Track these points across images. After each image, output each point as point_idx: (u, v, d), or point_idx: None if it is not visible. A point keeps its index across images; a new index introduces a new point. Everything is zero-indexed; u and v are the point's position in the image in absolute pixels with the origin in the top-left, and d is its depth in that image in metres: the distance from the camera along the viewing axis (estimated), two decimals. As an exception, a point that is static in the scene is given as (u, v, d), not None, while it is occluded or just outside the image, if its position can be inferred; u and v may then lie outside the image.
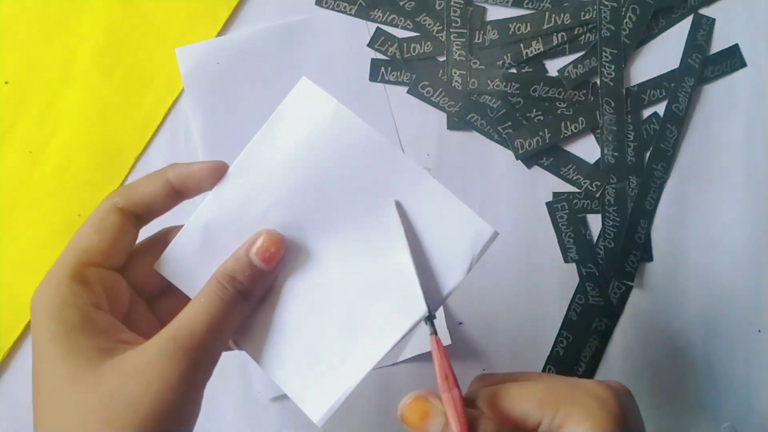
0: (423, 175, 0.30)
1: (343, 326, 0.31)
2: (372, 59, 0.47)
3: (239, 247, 0.29)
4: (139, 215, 0.31)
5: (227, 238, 0.30)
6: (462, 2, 0.47)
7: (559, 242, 0.45)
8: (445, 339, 0.43)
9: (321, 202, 0.30)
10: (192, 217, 0.31)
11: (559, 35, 0.47)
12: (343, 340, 0.30)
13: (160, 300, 0.32)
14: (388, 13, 0.47)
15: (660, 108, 0.47)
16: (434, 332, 0.28)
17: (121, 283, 0.30)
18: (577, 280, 0.45)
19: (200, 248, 0.31)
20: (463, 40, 0.47)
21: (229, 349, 0.31)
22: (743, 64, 0.48)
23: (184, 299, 0.29)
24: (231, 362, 0.38)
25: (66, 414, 0.26)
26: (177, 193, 0.31)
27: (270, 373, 0.30)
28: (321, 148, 0.30)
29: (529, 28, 0.47)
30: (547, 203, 0.46)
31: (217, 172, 0.31)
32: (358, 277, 0.31)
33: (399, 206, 0.31)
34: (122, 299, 0.30)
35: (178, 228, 0.32)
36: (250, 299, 0.29)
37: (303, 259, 0.31)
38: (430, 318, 0.29)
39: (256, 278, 0.29)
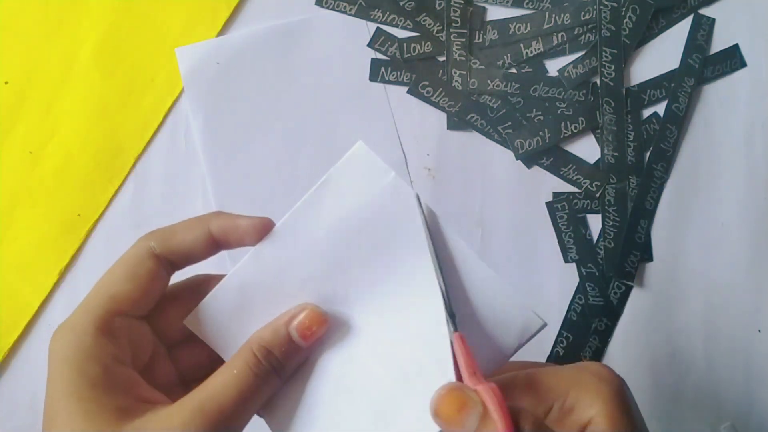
0: (473, 258, 0.29)
1: (373, 413, 0.28)
2: (372, 59, 0.47)
3: (278, 318, 0.28)
4: (174, 262, 0.29)
5: (264, 302, 0.29)
6: (462, 2, 0.47)
7: (559, 242, 0.45)
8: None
9: (364, 277, 0.29)
10: (229, 275, 0.29)
11: (559, 35, 0.47)
12: (371, 428, 0.28)
13: (181, 348, 0.30)
14: (388, 13, 0.47)
15: (660, 108, 0.47)
16: (456, 329, 0.27)
17: (146, 332, 0.29)
18: (577, 280, 0.45)
19: (235, 309, 0.29)
20: (463, 40, 0.47)
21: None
22: (743, 64, 0.48)
23: (206, 350, 0.29)
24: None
25: None
26: (217, 244, 0.29)
27: None
28: (371, 221, 0.28)
29: (529, 28, 0.47)
30: (547, 203, 0.46)
31: (263, 230, 0.29)
32: (396, 362, 0.29)
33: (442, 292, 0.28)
34: (145, 348, 0.28)
35: (211, 277, 0.30)
36: (282, 375, 0.28)
37: (340, 335, 0.29)
38: (451, 315, 0.27)
39: (292, 354, 0.28)
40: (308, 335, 0.27)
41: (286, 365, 0.27)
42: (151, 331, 0.29)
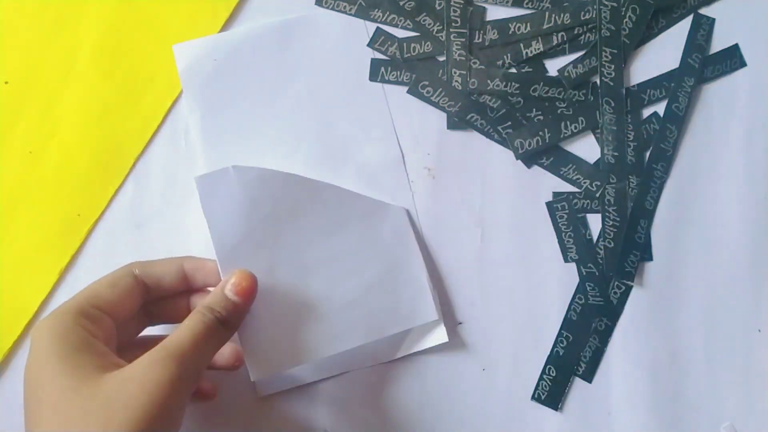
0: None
1: (340, 307, 0.39)
2: (372, 59, 0.47)
3: (219, 284, 0.36)
4: (149, 286, 0.37)
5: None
6: (462, 2, 0.47)
7: (559, 242, 0.45)
8: (443, 337, 0.43)
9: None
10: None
11: (559, 35, 0.47)
12: (331, 320, 0.39)
13: (130, 350, 0.35)
14: (388, 13, 0.47)
15: (660, 108, 0.47)
16: None
17: (114, 332, 0.35)
18: (577, 280, 0.45)
19: None
20: (463, 40, 0.47)
21: (214, 367, 0.38)
22: (743, 64, 0.48)
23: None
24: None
25: (68, 419, 0.29)
26: (186, 279, 0.38)
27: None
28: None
29: (529, 28, 0.47)
30: (547, 203, 0.46)
31: (225, 275, 0.37)
32: (360, 279, 0.40)
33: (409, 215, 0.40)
34: (112, 344, 0.34)
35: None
36: (229, 327, 0.35)
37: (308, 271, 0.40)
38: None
39: (231, 309, 0.35)
40: (240, 291, 0.35)
41: (229, 318, 0.35)
42: (116, 333, 0.35)
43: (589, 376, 0.45)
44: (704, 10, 0.48)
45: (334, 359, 0.41)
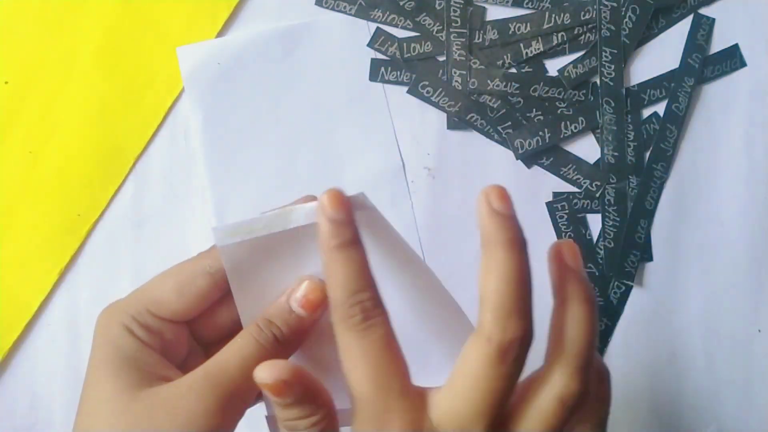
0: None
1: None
2: (372, 59, 0.47)
3: (282, 294, 0.29)
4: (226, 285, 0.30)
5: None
6: (462, 2, 0.47)
7: (559, 242, 0.45)
8: None
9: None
10: None
11: (559, 35, 0.47)
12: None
13: (218, 346, 0.30)
14: (388, 13, 0.47)
15: (660, 108, 0.47)
16: None
17: (183, 334, 0.30)
18: (577, 280, 0.45)
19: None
20: (463, 40, 0.47)
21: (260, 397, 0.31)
22: (743, 64, 0.48)
23: None
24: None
25: (97, 429, 0.26)
26: None
27: None
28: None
29: (529, 28, 0.47)
30: (547, 203, 0.46)
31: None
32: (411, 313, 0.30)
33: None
34: (180, 349, 0.30)
35: None
36: (287, 345, 0.28)
37: None
38: None
39: (293, 324, 0.28)
40: (307, 305, 0.28)
41: (289, 335, 0.28)
42: (188, 333, 0.30)
43: (589, 376, 0.45)
44: (704, 10, 0.48)
45: None
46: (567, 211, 0.46)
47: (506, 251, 0.25)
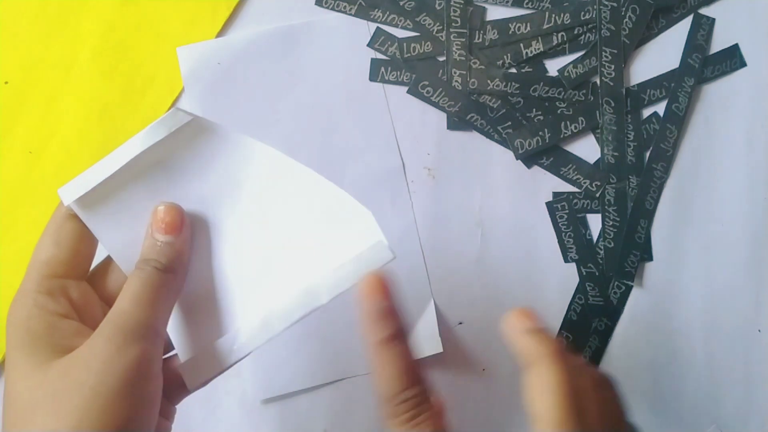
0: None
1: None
2: (372, 59, 0.47)
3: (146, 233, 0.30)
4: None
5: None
6: (462, 2, 0.47)
7: (559, 242, 0.45)
8: (438, 347, 0.43)
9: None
10: None
11: (559, 35, 0.47)
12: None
13: None
14: (388, 13, 0.47)
15: (660, 108, 0.47)
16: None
17: (91, 294, 0.30)
18: (577, 280, 0.45)
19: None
20: (463, 40, 0.47)
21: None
22: (743, 64, 0.48)
23: None
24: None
25: (21, 412, 0.26)
26: None
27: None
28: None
29: (529, 28, 0.47)
30: (547, 203, 0.46)
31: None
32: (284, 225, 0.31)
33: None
34: (94, 309, 0.30)
35: None
36: (173, 272, 0.29)
37: (221, 232, 0.31)
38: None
39: (167, 252, 0.29)
40: (167, 228, 0.30)
41: (168, 263, 0.29)
42: (95, 292, 0.31)
43: (589, 376, 0.45)
44: (704, 10, 0.48)
45: (334, 367, 0.41)
46: (567, 211, 0.46)
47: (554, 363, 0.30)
